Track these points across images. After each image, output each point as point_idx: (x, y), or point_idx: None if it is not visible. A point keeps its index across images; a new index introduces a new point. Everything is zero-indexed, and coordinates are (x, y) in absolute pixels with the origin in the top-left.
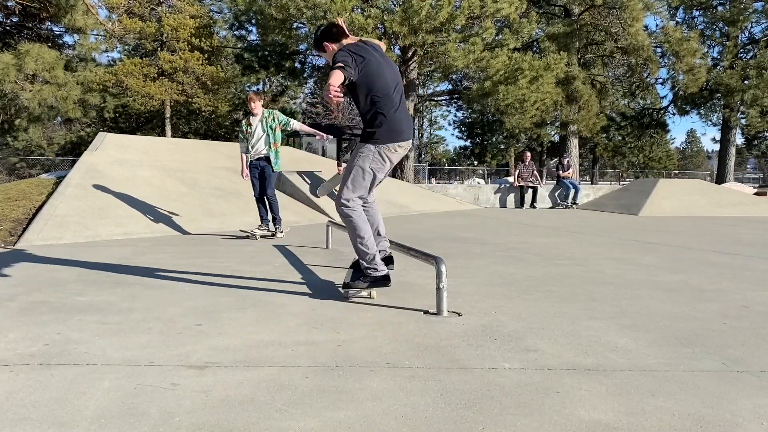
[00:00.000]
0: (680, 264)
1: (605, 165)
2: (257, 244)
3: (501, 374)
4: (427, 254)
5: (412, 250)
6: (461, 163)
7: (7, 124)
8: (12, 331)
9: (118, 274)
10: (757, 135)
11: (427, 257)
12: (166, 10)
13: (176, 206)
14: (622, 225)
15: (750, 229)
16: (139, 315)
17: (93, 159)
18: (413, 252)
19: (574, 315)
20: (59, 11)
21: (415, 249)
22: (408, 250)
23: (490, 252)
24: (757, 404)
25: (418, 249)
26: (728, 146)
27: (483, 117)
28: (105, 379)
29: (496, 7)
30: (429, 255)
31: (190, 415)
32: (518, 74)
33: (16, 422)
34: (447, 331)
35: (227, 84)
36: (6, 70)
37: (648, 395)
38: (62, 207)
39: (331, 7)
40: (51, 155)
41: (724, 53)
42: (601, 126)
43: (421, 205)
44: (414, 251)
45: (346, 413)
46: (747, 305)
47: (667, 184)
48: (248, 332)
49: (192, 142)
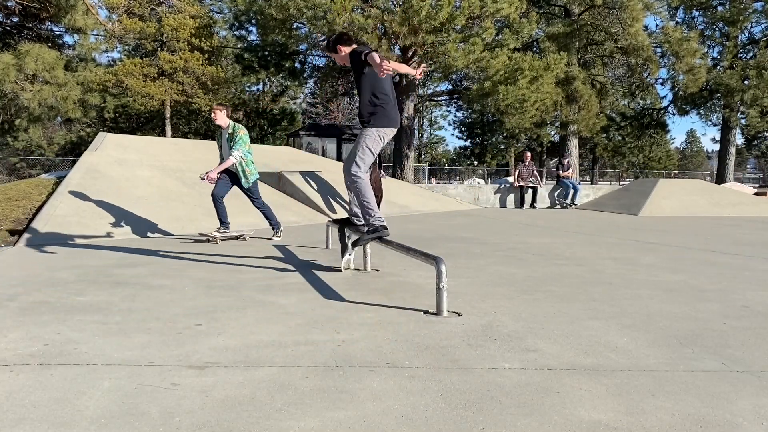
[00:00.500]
0: (680, 264)
1: (605, 165)
2: (257, 244)
3: (501, 374)
4: (427, 254)
5: (412, 250)
6: (461, 163)
7: (7, 124)
8: (12, 331)
9: (118, 274)
10: (757, 135)
11: (427, 257)
12: (166, 10)
13: (176, 206)
14: (622, 225)
15: (750, 229)
16: (139, 315)
17: (93, 159)
18: (413, 252)
19: (574, 315)
20: (59, 11)
21: (415, 249)
22: (408, 250)
23: (490, 252)
24: (757, 404)
25: (418, 249)
26: (728, 146)
27: (483, 117)
28: (105, 379)
29: (496, 7)
30: (429, 255)
31: (190, 415)
32: (518, 74)
33: (16, 422)
34: (447, 331)
35: (227, 84)
36: (6, 70)
37: (648, 395)
38: (62, 207)
39: (331, 7)
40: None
41: (724, 53)
42: (601, 126)
43: (421, 205)
44: (414, 251)
45: (346, 413)
46: (747, 305)
47: (667, 184)
48: (248, 332)
49: (192, 142)
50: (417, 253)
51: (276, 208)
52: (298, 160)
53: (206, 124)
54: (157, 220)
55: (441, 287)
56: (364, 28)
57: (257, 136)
